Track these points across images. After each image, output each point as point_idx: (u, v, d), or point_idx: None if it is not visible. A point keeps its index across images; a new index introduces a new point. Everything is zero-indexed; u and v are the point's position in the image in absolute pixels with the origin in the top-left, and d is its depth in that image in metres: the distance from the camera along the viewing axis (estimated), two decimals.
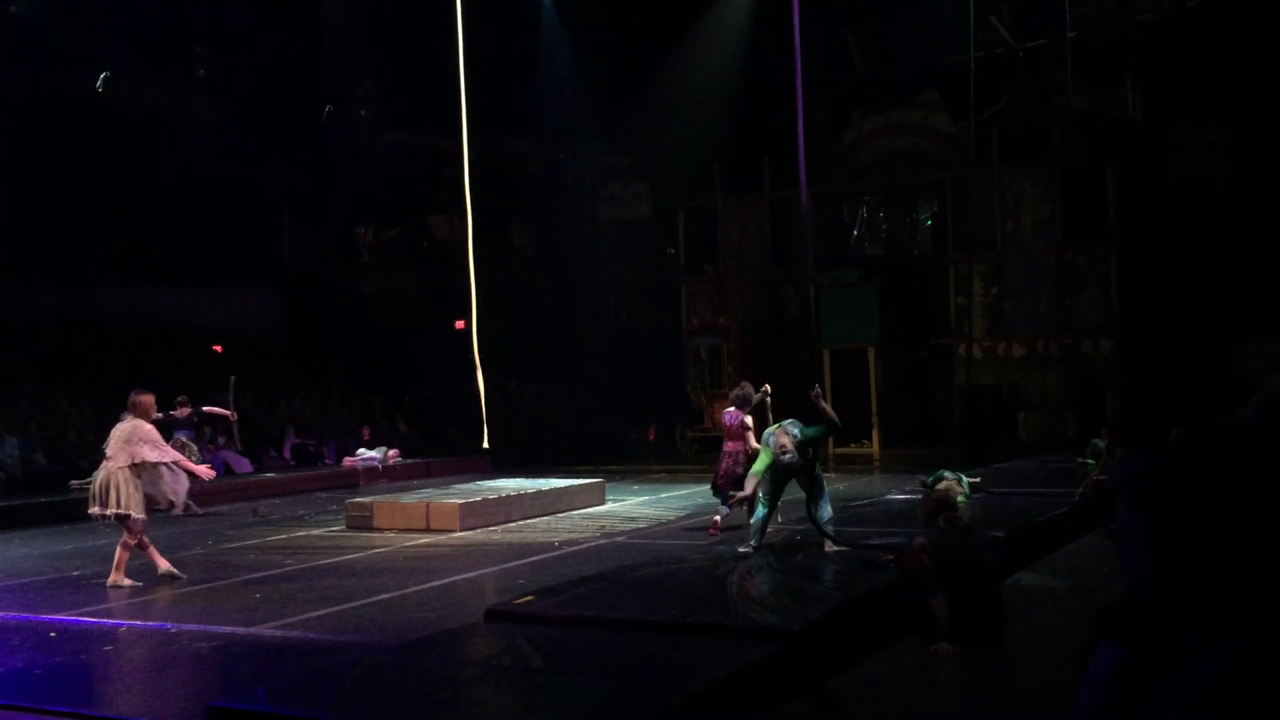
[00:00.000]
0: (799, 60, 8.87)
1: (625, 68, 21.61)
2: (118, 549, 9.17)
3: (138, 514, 9.12)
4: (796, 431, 8.38)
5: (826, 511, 8.45)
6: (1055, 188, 19.60)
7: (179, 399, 15.21)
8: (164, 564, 9.28)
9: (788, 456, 8.24)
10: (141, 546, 9.19)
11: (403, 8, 19.49)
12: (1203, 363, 17.46)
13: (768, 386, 10.35)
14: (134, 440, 9.20)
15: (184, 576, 9.29)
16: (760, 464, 8.44)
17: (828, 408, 8.81)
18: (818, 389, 9.04)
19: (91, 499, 9.25)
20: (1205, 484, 1.42)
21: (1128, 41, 19.15)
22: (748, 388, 10.48)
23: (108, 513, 9.12)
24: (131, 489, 9.10)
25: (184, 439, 14.92)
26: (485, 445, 11.74)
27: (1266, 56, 17.85)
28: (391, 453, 18.99)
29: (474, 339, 12.03)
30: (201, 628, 7.42)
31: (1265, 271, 17.30)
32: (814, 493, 8.41)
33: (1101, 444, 12.14)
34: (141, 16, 18.28)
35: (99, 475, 9.27)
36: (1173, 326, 17.96)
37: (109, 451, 9.22)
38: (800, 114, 8.87)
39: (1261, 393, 8.45)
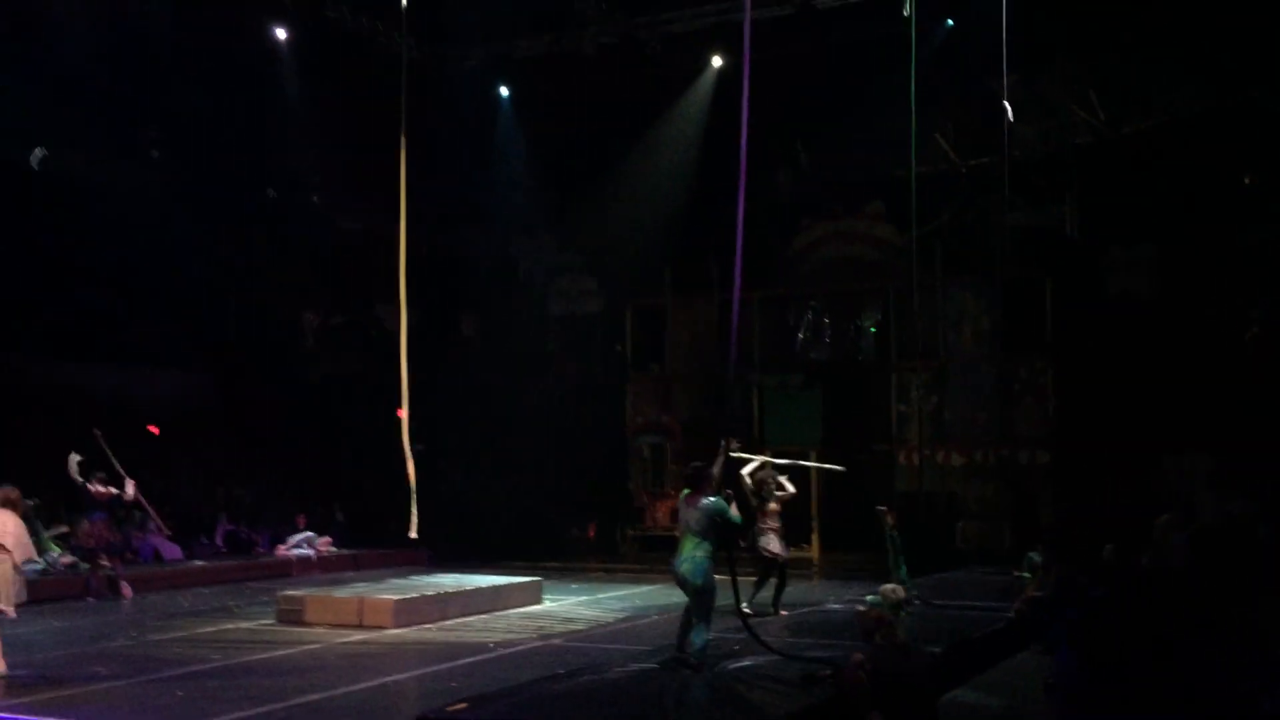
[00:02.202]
0: (744, 174, 8.97)
1: (578, 165, 21.89)
2: None
3: (11, 610, 9.08)
4: (712, 502, 8.02)
5: (703, 638, 7.96)
6: (996, 300, 20.01)
7: (97, 475, 14.74)
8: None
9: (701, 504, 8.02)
10: None
11: (359, 96, 19.64)
12: (1135, 476, 17.75)
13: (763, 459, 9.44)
14: (22, 537, 9.22)
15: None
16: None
17: (746, 478, 8.44)
18: (733, 442, 8.64)
19: None
20: (1113, 619, 1.48)
21: (1065, 163, 19.78)
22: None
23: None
24: (13, 584, 9.09)
25: (97, 521, 14.47)
26: (413, 535, 11.56)
27: (1193, 180, 18.51)
28: (322, 540, 18.65)
29: (404, 427, 11.92)
30: None
31: (1194, 387, 17.72)
32: (699, 612, 7.96)
33: (1037, 558, 12.26)
34: (91, 90, 18.17)
35: None
36: (1107, 440, 18.27)
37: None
38: (740, 226, 8.90)
39: (1191, 513, 8.62)
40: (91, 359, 21.25)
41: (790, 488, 12.31)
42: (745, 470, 11.86)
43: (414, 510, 11.56)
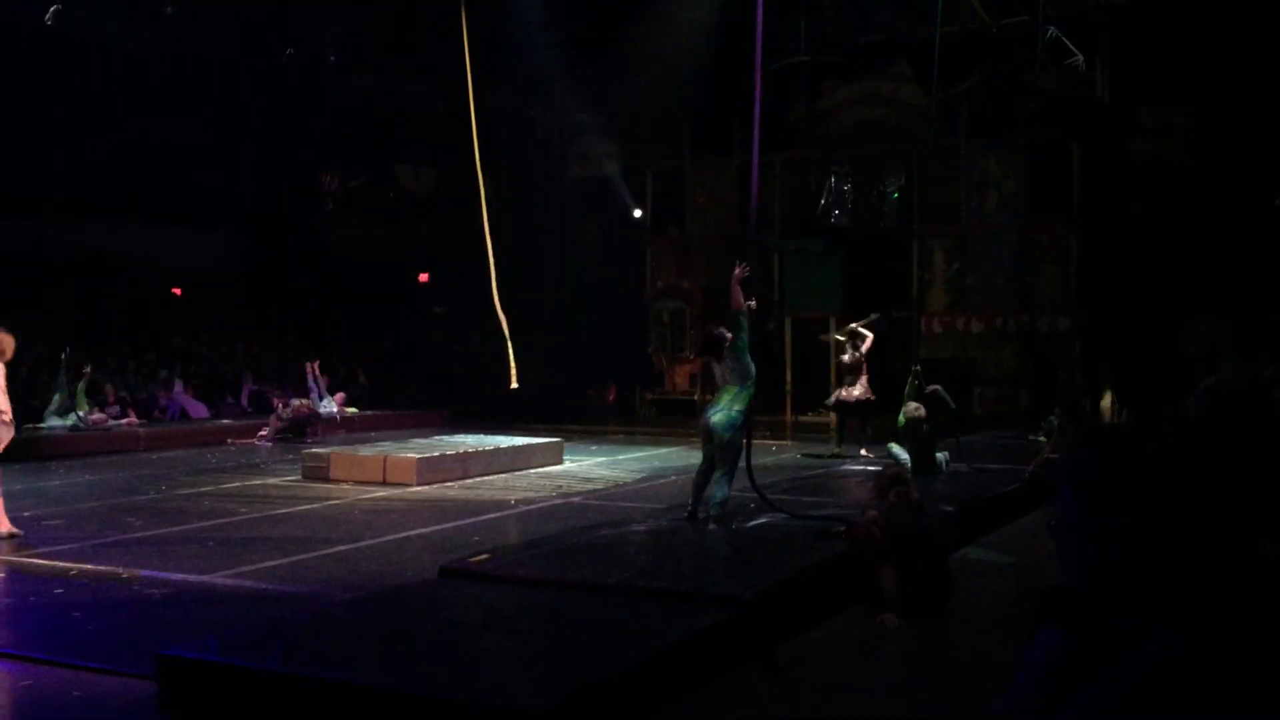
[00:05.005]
0: (760, 34, 8.76)
1: (597, 24, 21.40)
2: None
3: None
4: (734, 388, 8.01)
5: (723, 492, 8.00)
6: (1020, 165, 19.72)
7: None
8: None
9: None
10: None
11: None
12: (1156, 343, 17.74)
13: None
14: None
15: (21, 534, 8.66)
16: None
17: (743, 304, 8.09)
18: (754, 303, 8.24)
19: None
20: (1146, 477, 1.48)
21: (1098, 21, 19.24)
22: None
23: None
24: None
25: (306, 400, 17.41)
26: (514, 385, 12.07)
27: (1231, 41, 18.00)
28: (337, 397, 18.72)
29: (494, 292, 12.24)
30: (153, 574, 7.42)
31: (1219, 254, 17.56)
32: (722, 466, 8.00)
33: (1055, 421, 12.33)
34: None
35: None
36: (1129, 306, 18.20)
37: None
38: (758, 86, 8.75)
39: (1216, 374, 8.63)
40: (114, 222, 21.32)
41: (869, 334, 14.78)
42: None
43: (512, 362, 11.92)
